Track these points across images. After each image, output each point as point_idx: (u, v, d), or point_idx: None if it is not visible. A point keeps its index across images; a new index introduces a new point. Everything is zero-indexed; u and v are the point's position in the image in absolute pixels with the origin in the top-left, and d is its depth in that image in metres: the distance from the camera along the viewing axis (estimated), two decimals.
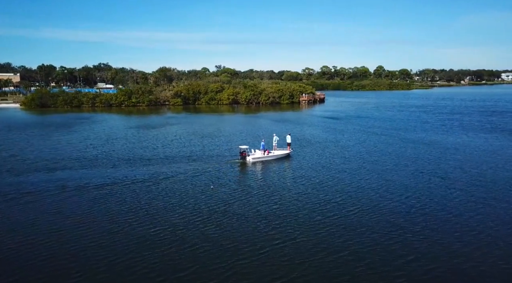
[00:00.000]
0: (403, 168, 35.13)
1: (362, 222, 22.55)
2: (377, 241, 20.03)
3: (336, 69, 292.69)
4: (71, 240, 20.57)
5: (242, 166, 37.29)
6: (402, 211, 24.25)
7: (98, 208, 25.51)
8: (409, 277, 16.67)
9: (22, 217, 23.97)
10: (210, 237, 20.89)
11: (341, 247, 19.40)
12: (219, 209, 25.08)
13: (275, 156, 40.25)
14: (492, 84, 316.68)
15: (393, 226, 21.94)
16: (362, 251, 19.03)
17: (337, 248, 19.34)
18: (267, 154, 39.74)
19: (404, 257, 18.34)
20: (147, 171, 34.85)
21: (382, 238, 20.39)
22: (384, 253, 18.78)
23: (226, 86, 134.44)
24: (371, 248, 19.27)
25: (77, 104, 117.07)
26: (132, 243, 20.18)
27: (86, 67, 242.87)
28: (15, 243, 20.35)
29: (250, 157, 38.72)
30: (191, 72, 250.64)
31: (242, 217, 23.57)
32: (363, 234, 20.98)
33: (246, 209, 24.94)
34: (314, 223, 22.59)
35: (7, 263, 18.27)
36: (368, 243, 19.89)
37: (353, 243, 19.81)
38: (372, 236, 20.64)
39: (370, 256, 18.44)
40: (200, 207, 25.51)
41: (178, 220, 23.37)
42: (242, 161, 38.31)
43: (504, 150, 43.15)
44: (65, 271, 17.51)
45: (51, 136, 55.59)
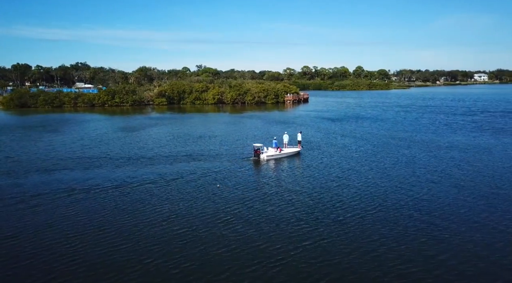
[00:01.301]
0: (421, 166, 35.73)
1: (386, 220, 22.72)
2: (406, 239, 20.21)
3: (317, 70, 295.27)
4: (96, 244, 19.92)
5: (257, 164, 37.75)
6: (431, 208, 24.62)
7: (112, 209, 24.82)
8: (442, 276, 16.91)
9: (38, 220, 23.05)
10: (237, 237, 20.63)
11: (372, 246, 19.46)
12: (241, 208, 24.79)
13: (287, 153, 40.85)
14: (466, 85, 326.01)
15: (419, 224, 22.23)
16: (395, 249, 19.17)
17: (369, 247, 19.35)
18: (280, 152, 40.31)
19: (436, 256, 18.56)
20: (153, 171, 34.16)
21: (411, 236, 20.60)
22: (414, 251, 18.98)
23: (211, 86, 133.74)
24: (404, 246, 19.41)
25: (58, 104, 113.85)
26: (161, 244, 19.73)
27: (63, 67, 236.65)
28: (37, 246, 19.57)
29: (264, 154, 39.19)
30: (171, 72, 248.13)
31: (267, 216, 23.37)
32: (391, 231, 21.14)
33: (268, 208, 24.74)
34: (339, 221, 22.61)
35: (34, 268, 17.54)
36: (398, 240, 20.05)
37: (382, 242, 19.88)
38: (401, 234, 20.81)
39: (403, 255, 18.60)
40: (221, 205, 25.20)
41: (199, 220, 22.98)
42: (256, 159, 38.88)
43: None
44: (98, 275, 16.96)
45: (42, 138, 53.81)
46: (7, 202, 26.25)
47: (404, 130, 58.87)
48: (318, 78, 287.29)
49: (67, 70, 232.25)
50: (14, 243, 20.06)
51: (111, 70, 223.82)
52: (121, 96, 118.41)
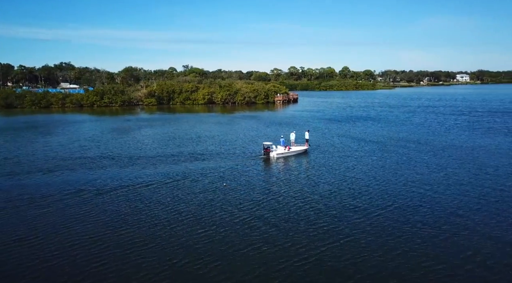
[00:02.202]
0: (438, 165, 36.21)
1: (403, 217, 22.94)
2: (431, 236, 20.43)
3: (304, 70, 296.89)
4: (117, 245, 19.57)
5: (267, 162, 38.11)
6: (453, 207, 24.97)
7: (127, 210, 24.41)
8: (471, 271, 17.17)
9: (53, 221, 22.52)
10: (259, 236, 20.53)
11: (395, 244, 19.60)
12: (258, 207, 24.66)
13: (295, 152, 41.48)
14: (449, 85, 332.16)
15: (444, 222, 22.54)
16: (418, 246, 19.38)
17: (392, 244, 19.47)
18: (288, 150, 40.87)
19: (463, 252, 18.84)
20: (159, 171, 33.74)
21: (435, 233, 20.83)
22: (442, 248, 19.24)
23: (201, 86, 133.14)
24: (426, 243, 19.64)
25: (45, 105, 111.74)
26: (185, 244, 19.49)
27: (47, 67, 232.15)
28: (59, 248, 19.13)
29: (274, 152, 39.68)
30: (158, 72, 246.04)
31: (286, 215, 23.31)
32: (413, 229, 21.35)
33: (285, 207, 24.68)
34: (357, 219, 22.72)
35: (58, 270, 17.14)
36: (421, 238, 20.26)
37: (404, 240, 20.01)
38: (424, 232, 21.02)
39: (427, 252, 18.82)
40: (237, 204, 25.04)
41: (218, 219, 22.79)
42: (266, 157, 39.36)
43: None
44: (128, 275, 16.68)
45: (37, 139, 52.71)
46: (17, 203, 25.58)
47: (398, 130, 59.63)
48: (305, 78, 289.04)
49: (51, 70, 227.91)
50: (34, 245, 19.55)
51: (97, 70, 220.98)
52: (110, 96, 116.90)
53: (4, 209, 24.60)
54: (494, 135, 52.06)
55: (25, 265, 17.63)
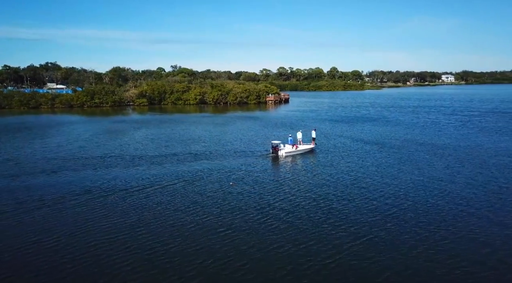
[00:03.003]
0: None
1: (419, 215, 23.11)
2: (449, 234, 20.62)
3: (292, 70, 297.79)
4: (141, 246, 19.27)
5: (276, 160, 38.54)
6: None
7: (142, 210, 24.05)
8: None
9: (70, 223, 22.07)
10: (280, 236, 20.44)
11: (416, 242, 19.73)
12: (274, 206, 24.54)
13: (303, 150, 42.05)
14: (434, 85, 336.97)
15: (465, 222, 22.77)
16: (440, 244, 19.55)
17: (413, 243, 19.57)
18: (296, 148, 41.39)
19: (483, 248, 19.08)
20: (168, 172, 33.37)
21: (453, 231, 21.04)
22: (462, 245, 19.44)
23: (192, 86, 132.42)
24: (447, 241, 19.82)
25: (34, 105, 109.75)
26: (208, 244, 19.30)
27: (32, 67, 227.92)
28: (81, 250, 18.74)
29: (283, 151, 40.20)
30: (146, 72, 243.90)
31: (305, 215, 23.24)
32: (430, 227, 21.51)
33: (301, 206, 24.63)
34: (375, 219, 22.79)
35: (82, 272, 16.80)
36: (441, 236, 20.42)
37: (424, 237, 20.15)
38: (442, 229, 21.19)
39: (450, 249, 19.01)
40: (254, 203, 24.90)
41: (236, 219, 22.61)
42: (274, 155, 39.85)
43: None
44: (157, 276, 16.42)
45: (34, 140, 51.78)
46: (28, 205, 25.00)
47: (396, 130, 60.24)
48: (294, 79, 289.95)
49: (37, 70, 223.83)
50: (53, 247, 19.12)
51: (83, 70, 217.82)
52: (101, 96, 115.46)
53: (16, 211, 24.02)
54: (490, 134, 52.98)
55: (47, 268, 17.23)
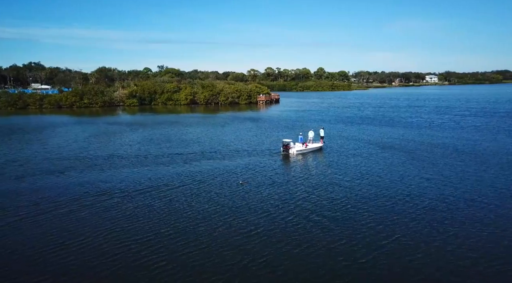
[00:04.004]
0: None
1: (440, 215, 23.22)
2: (475, 231, 20.83)
3: (280, 71, 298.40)
4: (167, 246, 19.00)
5: (287, 158, 39.07)
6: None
7: (160, 211, 23.67)
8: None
9: (91, 224, 21.60)
10: (305, 236, 20.39)
11: (442, 243, 19.89)
12: (294, 205, 24.44)
13: (312, 148, 42.73)
14: (419, 86, 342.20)
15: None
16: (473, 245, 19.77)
17: (440, 243, 19.70)
18: (306, 147, 42.01)
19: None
20: (178, 171, 32.98)
21: (480, 229, 21.24)
22: (490, 243, 19.71)
23: (183, 86, 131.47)
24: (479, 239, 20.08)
25: (22, 106, 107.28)
26: (234, 245, 19.11)
27: (15, 66, 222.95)
28: (104, 252, 18.38)
29: (294, 149, 40.71)
30: (132, 72, 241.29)
31: (329, 214, 23.21)
32: (454, 227, 21.69)
33: (319, 205, 24.58)
34: (401, 218, 22.89)
35: (113, 273, 16.46)
36: (467, 235, 20.61)
37: (451, 237, 20.26)
38: (466, 228, 21.40)
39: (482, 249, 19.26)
40: (276, 201, 24.75)
41: (257, 219, 22.40)
42: (285, 153, 40.45)
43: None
44: (192, 278, 16.22)
45: (31, 140, 50.63)
46: (43, 206, 24.38)
47: (394, 130, 60.94)
48: (281, 79, 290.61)
49: (20, 70, 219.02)
50: (84, 250, 18.67)
51: (68, 70, 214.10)
52: (90, 97, 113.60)
53: (33, 213, 23.39)
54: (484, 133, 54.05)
55: (79, 270, 16.81)
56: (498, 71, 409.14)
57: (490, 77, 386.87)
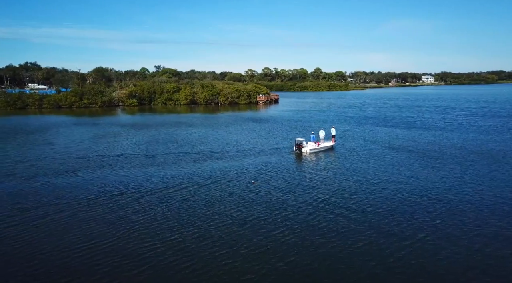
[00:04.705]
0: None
1: (464, 216, 23.19)
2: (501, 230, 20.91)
3: (277, 71, 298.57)
4: (194, 246, 18.85)
5: (300, 157, 39.37)
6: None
7: (183, 212, 23.50)
8: None
9: (117, 224, 21.40)
10: (339, 235, 20.34)
11: (469, 243, 19.91)
12: (318, 204, 24.35)
13: (324, 147, 43.17)
14: (416, 86, 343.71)
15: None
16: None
17: (467, 243, 19.76)
18: (318, 145, 42.40)
19: None
20: (193, 171, 32.84)
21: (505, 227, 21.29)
22: None
23: (182, 87, 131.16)
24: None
25: (21, 106, 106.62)
26: (263, 246, 18.99)
27: (11, 66, 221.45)
28: (135, 250, 18.22)
29: (307, 148, 41.10)
30: (129, 72, 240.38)
31: (352, 213, 23.16)
32: (480, 227, 21.75)
33: (340, 205, 24.55)
34: (421, 218, 22.87)
35: (145, 274, 16.31)
36: (496, 236, 20.64)
37: (483, 237, 20.24)
38: (495, 228, 21.42)
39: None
40: (297, 200, 24.62)
41: (285, 217, 22.28)
42: (298, 152, 40.78)
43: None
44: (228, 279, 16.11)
45: (37, 141, 50.33)
46: (61, 206, 24.12)
47: (402, 131, 61.13)
48: (278, 79, 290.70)
49: (16, 70, 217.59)
50: (113, 249, 18.51)
51: (65, 70, 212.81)
52: (90, 97, 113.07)
53: (53, 213, 23.16)
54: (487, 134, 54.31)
55: (107, 271, 16.65)
56: (493, 72, 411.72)
57: (486, 77, 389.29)
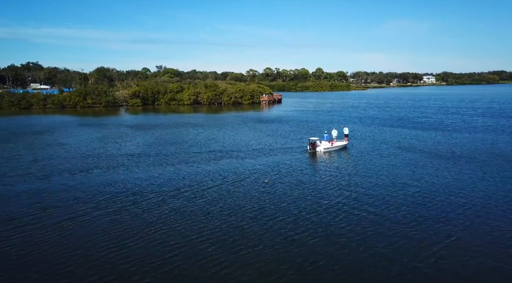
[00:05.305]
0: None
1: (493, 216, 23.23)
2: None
3: (279, 71, 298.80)
4: (224, 246, 18.80)
5: (314, 156, 39.69)
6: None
7: (207, 211, 23.39)
8: None
9: (141, 224, 21.32)
10: (359, 237, 20.26)
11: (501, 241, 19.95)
12: (339, 203, 24.29)
13: (338, 146, 43.30)
14: (417, 86, 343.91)
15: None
16: None
17: (498, 241, 19.78)
18: (332, 145, 42.57)
19: None
20: (211, 169, 32.80)
21: None
22: None
23: (186, 87, 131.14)
24: None
25: (26, 106, 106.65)
26: (287, 246, 18.93)
27: (13, 66, 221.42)
28: (161, 248, 18.16)
29: (321, 147, 41.31)
30: (130, 72, 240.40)
31: (375, 212, 23.11)
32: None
33: (364, 203, 24.46)
34: (452, 216, 22.84)
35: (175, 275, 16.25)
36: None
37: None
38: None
39: None
40: (320, 199, 24.56)
41: (313, 216, 22.16)
42: (312, 151, 41.04)
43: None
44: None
45: (47, 140, 50.32)
46: (82, 206, 24.04)
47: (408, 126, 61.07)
48: (280, 79, 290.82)
49: (18, 70, 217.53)
50: (140, 250, 18.44)
51: (66, 70, 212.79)
52: (94, 97, 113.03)
53: (74, 212, 23.09)
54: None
55: (140, 270, 16.59)
56: (494, 72, 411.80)
57: (487, 77, 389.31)
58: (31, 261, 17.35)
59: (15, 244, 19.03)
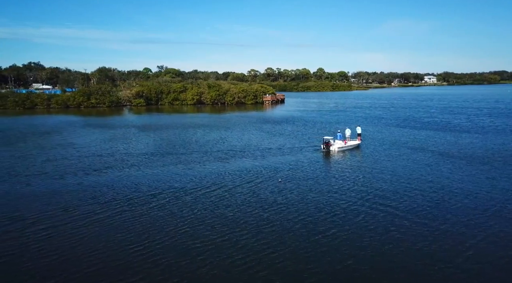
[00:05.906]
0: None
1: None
2: None
3: (280, 71, 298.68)
4: (244, 248, 18.79)
5: (328, 155, 40.05)
6: None
7: (226, 211, 23.40)
8: None
9: (161, 224, 21.30)
10: (377, 237, 20.23)
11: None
12: (355, 202, 24.27)
13: (351, 146, 43.77)
14: (418, 86, 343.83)
15: None
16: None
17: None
18: (345, 144, 42.92)
19: None
20: (226, 169, 32.78)
21: None
22: None
23: (189, 86, 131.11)
24: None
25: (30, 106, 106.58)
26: (309, 246, 18.92)
27: (15, 67, 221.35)
28: (186, 248, 18.14)
29: (335, 146, 41.68)
30: (132, 72, 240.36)
31: (392, 212, 23.09)
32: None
33: (380, 205, 24.44)
34: (466, 219, 22.84)
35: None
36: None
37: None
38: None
39: None
40: (337, 199, 24.48)
41: (333, 218, 22.17)
42: (326, 150, 41.45)
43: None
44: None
45: (56, 140, 50.30)
46: (102, 206, 24.01)
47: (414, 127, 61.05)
48: (281, 79, 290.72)
49: (20, 70, 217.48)
50: (166, 250, 18.42)
51: (68, 70, 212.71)
52: (98, 97, 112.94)
53: (95, 213, 23.06)
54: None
55: (167, 270, 16.57)
56: (495, 72, 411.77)
57: (488, 77, 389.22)
58: (59, 261, 17.39)
59: (43, 246, 19.01)
